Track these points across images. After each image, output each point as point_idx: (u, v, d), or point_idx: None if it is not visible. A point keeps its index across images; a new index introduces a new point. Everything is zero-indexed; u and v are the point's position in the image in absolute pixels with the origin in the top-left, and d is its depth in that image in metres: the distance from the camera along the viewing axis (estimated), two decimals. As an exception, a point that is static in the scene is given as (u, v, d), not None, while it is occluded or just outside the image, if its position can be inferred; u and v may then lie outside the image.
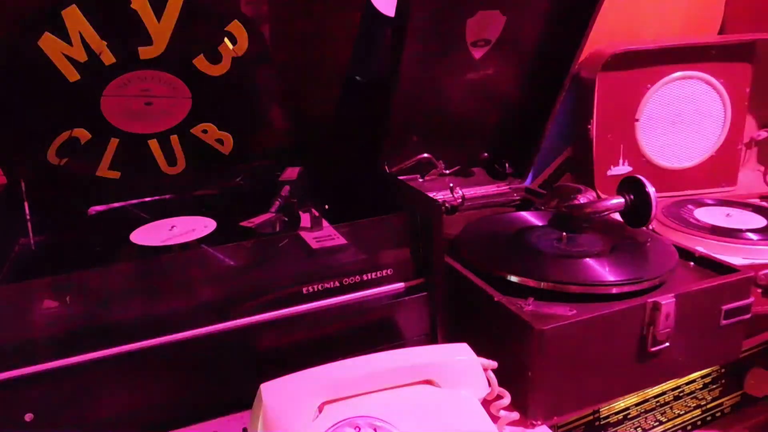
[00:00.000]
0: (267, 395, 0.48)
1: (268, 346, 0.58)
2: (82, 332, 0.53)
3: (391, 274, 0.65)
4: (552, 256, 0.72)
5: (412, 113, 0.85)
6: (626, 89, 1.08)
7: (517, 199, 0.98)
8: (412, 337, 0.65)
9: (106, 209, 0.80)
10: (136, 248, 0.68)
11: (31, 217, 0.73)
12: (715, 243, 0.86)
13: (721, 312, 0.68)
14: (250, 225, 0.70)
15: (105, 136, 0.76)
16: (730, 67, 1.09)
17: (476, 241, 0.78)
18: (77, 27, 0.66)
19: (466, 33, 0.81)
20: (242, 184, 0.88)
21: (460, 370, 0.53)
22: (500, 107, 0.94)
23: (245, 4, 0.73)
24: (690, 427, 0.89)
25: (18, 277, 0.64)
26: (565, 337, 0.59)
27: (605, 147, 1.09)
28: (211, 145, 0.82)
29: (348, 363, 0.52)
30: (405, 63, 0.76)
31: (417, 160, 0.91)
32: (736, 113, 1.12)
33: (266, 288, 0.59)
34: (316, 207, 0.68)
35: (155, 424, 0.54)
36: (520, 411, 0.58)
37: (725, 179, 1.16)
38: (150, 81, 0.73)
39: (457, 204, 0.90)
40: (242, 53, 0.74)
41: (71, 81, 0.69)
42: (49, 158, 0.75)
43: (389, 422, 0.48)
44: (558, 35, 0.86)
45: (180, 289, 0.57)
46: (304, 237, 0.62)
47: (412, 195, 0.70)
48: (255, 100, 0.81)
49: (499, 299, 0.63)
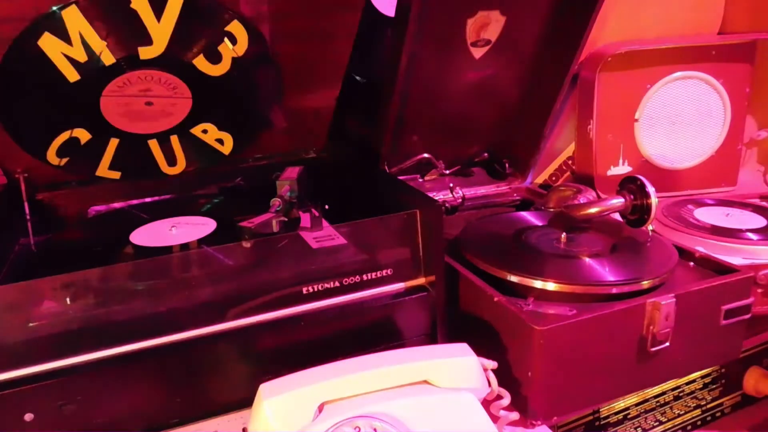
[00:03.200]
0: (267, 395, 0.48)
1: (268, 346, 0.58)
2: (82, 332, 0.53)
3: (391, 274, 0.65)
4: (552, 256, 0.72)
5: (412, 113, 0.85)
6: (626, 89, 1.08)
7: (517, 199, 0.98)
8: (412, 337, 0.65)
9: (106, 209, 0.80)
10: (136, 248, 0.68)
11: (31, 217, 0.73)
12: (715, 243, 0.86)
13: (721, 312, 0.68)
14: (250, 225, 0.70)
15: (105, 136, 0.76)
16: (730, 67, 1.09)
17: (476, 241, 0.78)
18: (77, 27, 0.66)
19: (466, 33, 0.81)
20: (242, 184, 0.88)
21: (460, 370, 0.53)
22: (500, 107, 0.94)
23: (245, 4, 0.73)
24: (690, 427, 0.89)
25: (18, 277, 0.64)
26: (565, 337, 0.59)
27: (605, 147, 1.09)
28: (211, 145, 0.82)
29: (348, 363, 0.52)
30: (405, 63, 0.76)
31: (417, 160, 0.91)
32: (736, 113, 1.12)
33: (266, 288, 0.59)
34: (316, 207, 0.68)
35: (155, 424, 0.54)
36: (520, 411, 0.58)
37: (725, 179, 1.16)
38: (150, 81, 0.73)
39: (457, 204, 0.90)
40: (242, 53, 0.74)
41: (71, 81, 0.69)
42: (49, 158, 0.75)
43: (389, 422, 0.48)
44: (558, 35, 0.86)
45: (180, 289, 0.57)
46: (304, 237, 0.62)
47: (412, 195, 0.70)
48: (255, 100, 0.81)
49: (499, 299, 0.63)
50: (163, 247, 0.68)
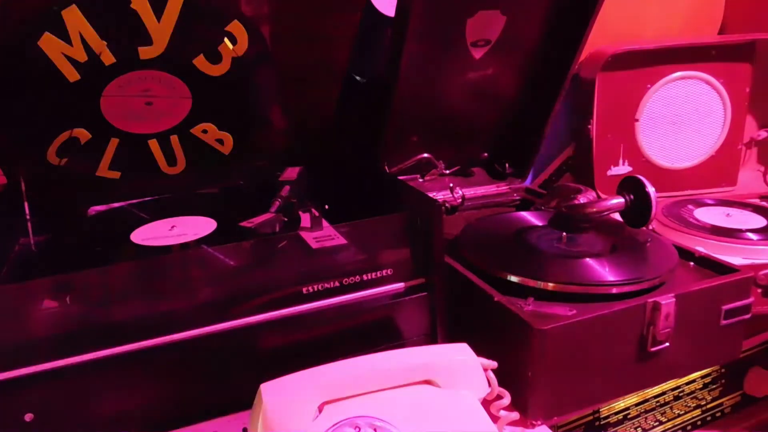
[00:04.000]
0: (267, 395, 0.48)
1: (268, 346, 0.58)
2: (82, 332, 0.53)
3: (391, 274, 0.65)
4: (552, 256, 0.72)
5: (412, 113, 0.85)
6: (626, 89, 1.08)
7: (517, 199, 0.98)
8: (412, 337, 0.64)
9: (106, 209, 0.80)
10: (136, 248, 0.68)
11: (31, 217, 0.73)
12: (715, 243, 0.86)
13: (721, 312, 0.67)
14: (250, 225, 0.70)
15: (105, 136, 0.76)
16: (730, 67, 1.10)
17: (476, 241, 0.78)
18: (77, 27, 0.66)
19: (466, 33, 0.81)
20: (242, 184, 0.88)
21: (460, 370, 0.53)
22: (500, 107, 0.94)
23: (245, 4, 0.73)
24: (690, 427, 0.89)
25: (18, 277, 0.64)
26: (565, 337, 0.59)
27: (605, 147, 1.09)
28: (211, 145, 0.82)
29: (348, 363, 0.52)
30: (405, 63, 0.76)
31: (417, 160, 0.91)
32: (736, 113, 1.12)
33: (266, 288, 0.59)
34: (316, 207, 0.68)
35: (155, 424, 0.54)
36: (520, 411, 0.58)
37: (725, 179, 1.16)
38: (150, 81, 0.73)
39: (457, 204, 0.90)
40: (242, 53, 0.74)
41: (71, 81, 0.69)
42: (49, 158, 0.75)
43: (389, 422, 0.48)
44: (558, 35, 0.86)
45: (180, 289, 0.56)
46: (304, 237, 0.62)
47: (412, 195, 0.70)
48: (255, 100, 0.81)
49: (499, 299, 0.63)
50: (163, 246, 0.68)
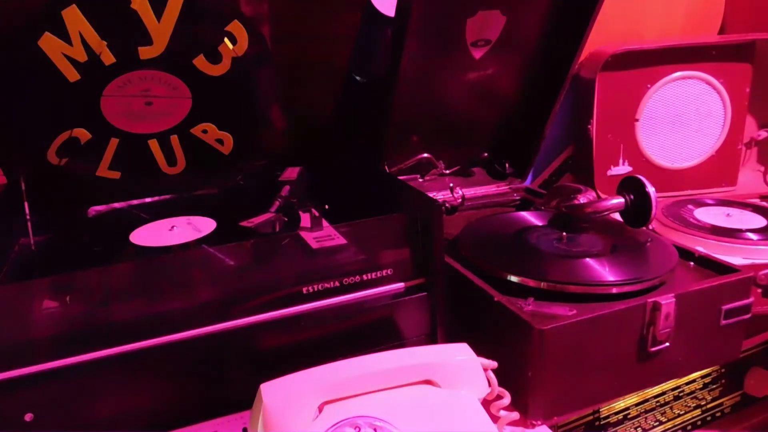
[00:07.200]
0: (267, 395, 0.48)
1: (268, 346, 0.58)
2: (82, 332, 0.53)
3: (391, 274, 0.65)
4: (552, 256, 0.72)
5: (412, 113, 0.85)
6: (626, 89, 1.08)
7: (517, 199, 0.98)
8: (412, 337, 0.65)
9: (106, 209, 0.80)
10: (136, 248, 0.68)
11: (31, 217, 0.73)
12: (715, 243, 0.86)
13: (721, 312, 0.68)
14: (250, 225, 0.70)
15: (105, 136, 0.76)
16: (730, 67, 1.10)
17: (476, 241, 0.78)
18: (77, 27, 0.66)
19: (466, 33, 0.81)
20: (242, 184, 0.88)
21: (460, 370, 0.53)
22: (500, 107, 0.94)
23: (245, 4, 0.73)
24: (690, 427, 0.89)
25: (18, 277, 0.64)
26: (565, 337, 0.59)
27: (605, 147, 1.09)
28: (211, 145, 0.82)
29: (348, 363, 0.52)
30: (405, 63, 0.76)
31: (417, 160, 0.92)
32: (736, 113, 1.12)
33: (266, 288, 0.59)
34: (316, 207, 0.68)
35: (155, 424, 0.54)
36: (520, 411, 0.58)
37: (725, 179, 1.16)
38: (150, 81, 0.73)
39: (457, 204, 0.90)
40: (242, 53, 0.74)
41: (71, 81, 0.69)
42: (49, 158, 0.75)
43: (389, 422, 0.48)
44: (558, 35, 0.86)
45: (180, 289, 0.57)
46: (304, 237, 0.62)
47: (412, 195, 0.70)
48: (255, 100, 0.81)
49: (499, 299, 0.63)
50: (163, 247, 0.68)
